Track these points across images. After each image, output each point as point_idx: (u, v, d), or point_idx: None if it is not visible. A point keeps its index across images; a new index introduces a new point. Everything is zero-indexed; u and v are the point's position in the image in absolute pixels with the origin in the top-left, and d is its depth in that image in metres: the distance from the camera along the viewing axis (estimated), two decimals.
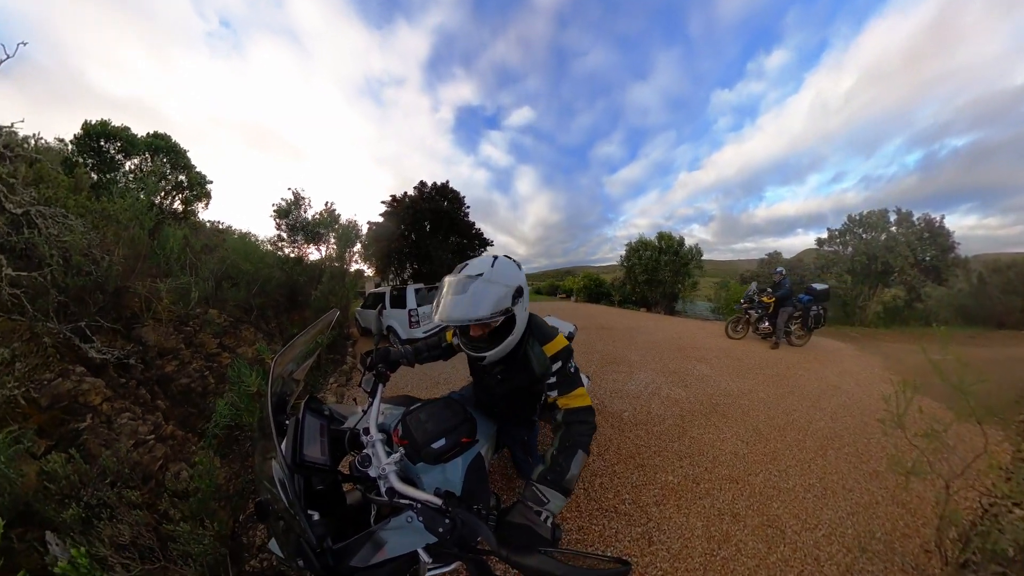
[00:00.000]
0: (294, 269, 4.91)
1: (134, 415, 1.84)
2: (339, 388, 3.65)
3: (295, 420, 0.76)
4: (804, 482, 1.90)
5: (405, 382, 3.96)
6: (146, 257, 2.82)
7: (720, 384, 3.54)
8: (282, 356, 0.86)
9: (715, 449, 2.25)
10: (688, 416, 2.74)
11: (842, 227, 12.07)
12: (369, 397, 0.94)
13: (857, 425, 2.57)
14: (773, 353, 4.86)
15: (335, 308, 1.25)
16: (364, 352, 1.08)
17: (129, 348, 2.20)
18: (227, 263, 3.74)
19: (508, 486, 1.84)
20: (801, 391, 3.34)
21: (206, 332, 2.84)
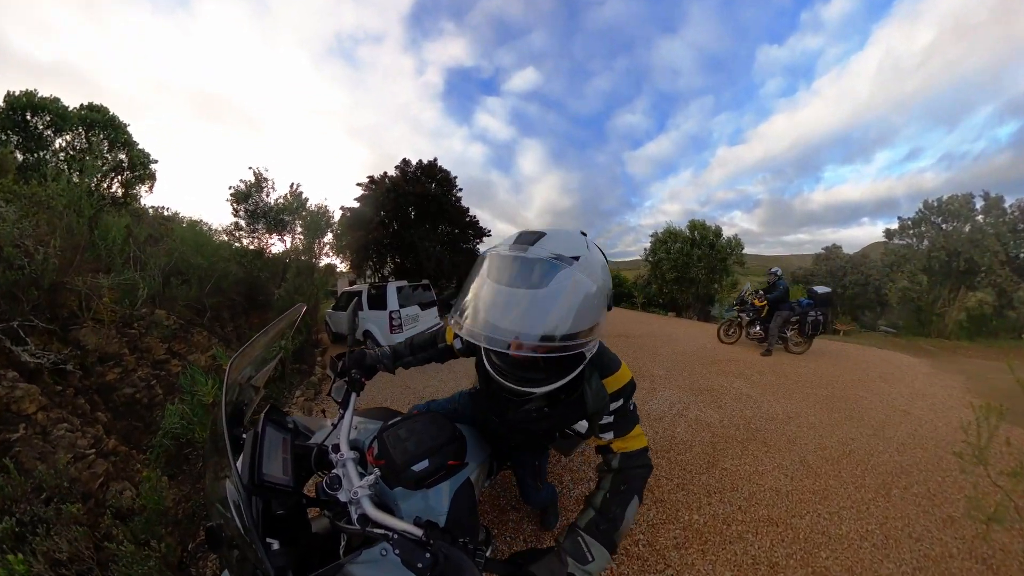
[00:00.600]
0: (254, 263, 4.98)
1: (72, 426, 1.90)
2: (307, 403, 3.70)
3: (253, 434, 0.77)
4: (861, 528, 1.87)
5: (385, 395, 4.02)
6: (85, 249, 2.89)
7: (761, 405, 3.53)
8: (239, 359, 0.88)
9: (752, 484, 2.24)
10: (720, 443, 2.74)
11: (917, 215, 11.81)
12: (340, 409, 0.95)
13: (929, 459, 2.55)
14: (827, 369, 4.85)
15: (301, 303, 1.28)
16: (334, 355, 1.08)
17: (66, 352, 2.27)
18: (176, 256, 3.81)
19: (500, 518, 1.87)
20: (861, 416, 3.32)
21: (153, 335, 2.90)
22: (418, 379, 4.65)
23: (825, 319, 5.30)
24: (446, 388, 4.23)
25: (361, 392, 1.02)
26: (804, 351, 5.47)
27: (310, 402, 3.77)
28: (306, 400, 3.75)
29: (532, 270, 0.60)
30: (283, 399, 3.69)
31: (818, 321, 5.26)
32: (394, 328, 5.55)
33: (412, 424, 0.90)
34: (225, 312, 4.39)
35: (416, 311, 6.24)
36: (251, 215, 5.41)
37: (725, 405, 3.52)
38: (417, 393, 4.15)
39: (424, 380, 4.58)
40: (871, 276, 15.43)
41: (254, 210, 5.41)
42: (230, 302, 4.55)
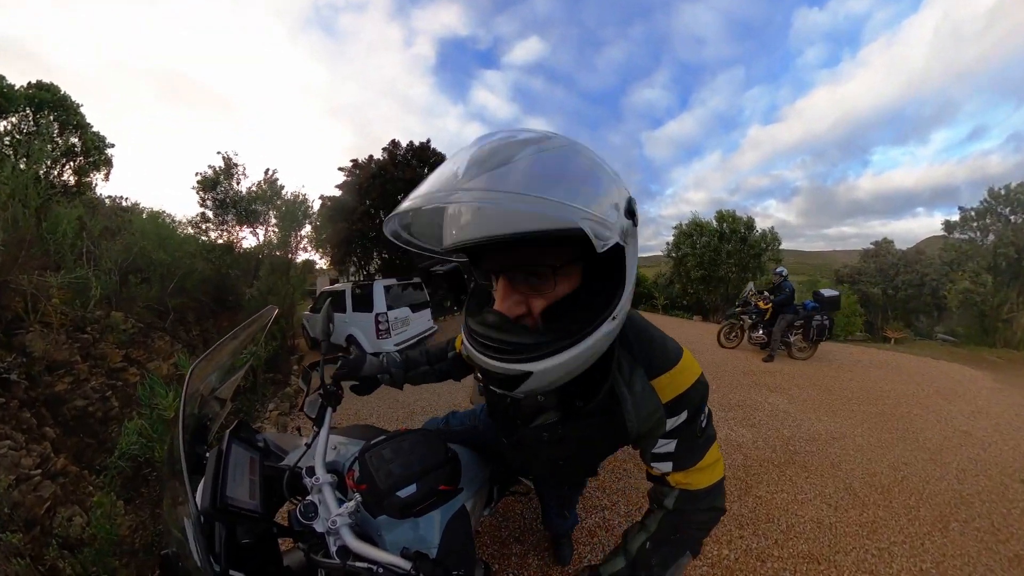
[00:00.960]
0: (222, 259, 5.03)
1: (16, 444, 1.92)
2: (281, 418, 3.72)
3: (217, 452, 0.77)
4: (915, 566, 1.87)
5: (369, 410, 4.03)
6: (31, 244, 2.92)
7: (801, 423, 3.52)
8: (202, 366, 0.88)
9: (790, 515, 2.24)
10: (754, 467, 2.73)
11: (981, 206, 11.67)
12: (314, 426, 0.95)
13: (994, 488, 2.52)
14: (876, 383, 4.84)
15: (273, 305, 1.28)
16: (307, 365, 1.06)
17: (10, 360, 2.29)
18: (135, 252, 3.85)
19: (502, 551, 1.86)
20: (916, 437, 3.30)
21: (108, 341, 2.93)
22: (407, 389, 4.65)
23: (831, 324, 5.51)
24: (441, 402, 4.22)
25: (338, 407, 1.01)
26: (808, 357, 5.69)
27: (284, 416, 3.79)
28: (280, 415, 3.77)
29: (502, 146, 0.48)
30: (253, 413, 3.71)
31: (823, 326, 5.45)
32: (381, 333, 5.56)
33: (398, 444, 0.89)
34: (190, 314, 4.42)
35: (406, 313, 6.26)
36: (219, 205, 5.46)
37: (759, 423, 3.51)
38: (407, 407, 4.15)
39: (416, 392, 4.58)
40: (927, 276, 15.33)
41: (223, 199, 5.46)
42: (196, 303, 4.58)
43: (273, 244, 5.80)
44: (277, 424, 3.54)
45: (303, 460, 0.90)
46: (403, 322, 6.10)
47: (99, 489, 1.98)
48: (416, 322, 6.54)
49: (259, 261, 5.60)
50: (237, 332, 1.05)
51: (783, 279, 5.85)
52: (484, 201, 0.45)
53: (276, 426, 3.51)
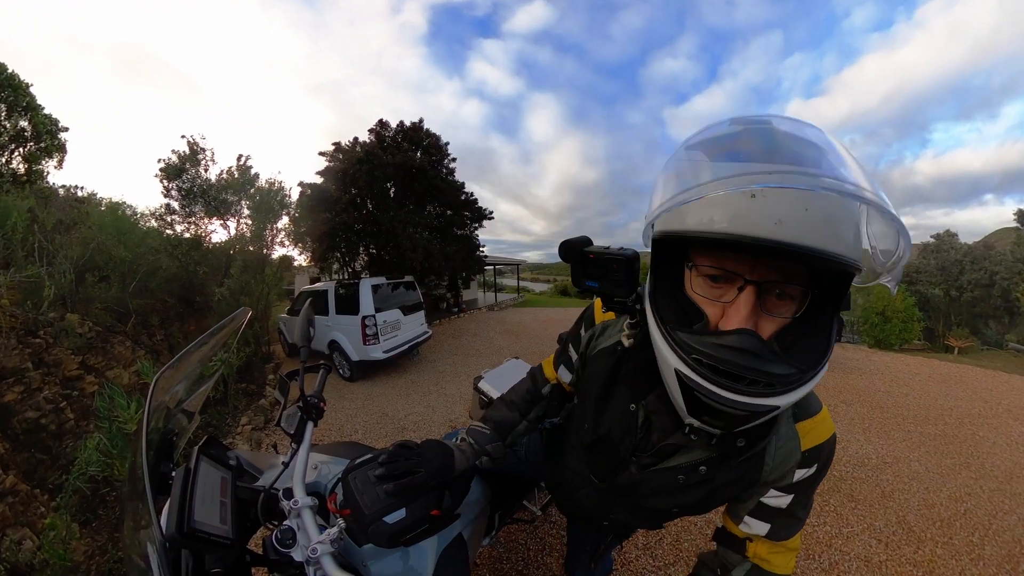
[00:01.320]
0: (189, 255, 5.10)
1: None
2: (255, 433, 3.76)
3: (184, 470, 0.78)
4: None
5: (354, 425, 4.06)
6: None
7: (848, 445, 3.50)
8: (168, 375, 0.89)
9: (833, 551, 2.23)
10: None
11: None
12: (292, 442, 0.95)
13: None
14: (935, 400, 4.80)
15: (246, 308, 1.29)
16: (287, 372, 1.07)
17: None
18: (92, 247, 3.91)
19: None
20: (981, 463, 3.26)
21: (63, 346, 2.97)
22: (397, 402, 4.70)
23: (841, 326, 5.71)
24: (436, 417, 4.24)
25: (319, 421, 1.02)
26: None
27: (259, 432, 3.82)
28: (254, 430, 3.81)
29: (833, 155, 0.45)
30: (224, 428, 3.74)
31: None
32: (368, 338, 5.61)
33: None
34: (154, 317, 4.48)
35: (397, 316, 6.30)
36: (186, 195, 5.54)
37: None
38: (397, 422, 4.17)
39: (407, 405, 4.62)
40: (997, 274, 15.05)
41: (189, 188, 5.53)
42: (160, 304, 4.65)
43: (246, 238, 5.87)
44: (251, 440, 3.58)
45: (280, 481, 0.90)
46: (393, 326, 6.13)
47: (52, 510, 2.01)
48: (408, 326, 6.58)
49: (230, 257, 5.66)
50: (206, 337, 1.06)
51: None
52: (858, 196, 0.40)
53: (249, 443, 3.54)
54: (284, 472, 0.92)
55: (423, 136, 10.46)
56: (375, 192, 9.44)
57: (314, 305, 1.24)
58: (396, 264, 9.54)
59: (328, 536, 0.76)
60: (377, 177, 8.96)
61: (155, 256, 4.67)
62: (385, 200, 9.62)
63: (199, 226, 5.67)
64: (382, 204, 9.52)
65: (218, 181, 5.69)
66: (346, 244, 9.65)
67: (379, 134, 10.18)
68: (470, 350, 7.89)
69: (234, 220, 5.85)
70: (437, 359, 7.12)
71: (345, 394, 5.21)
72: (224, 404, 4.06)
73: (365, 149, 9.26)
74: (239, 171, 5.86)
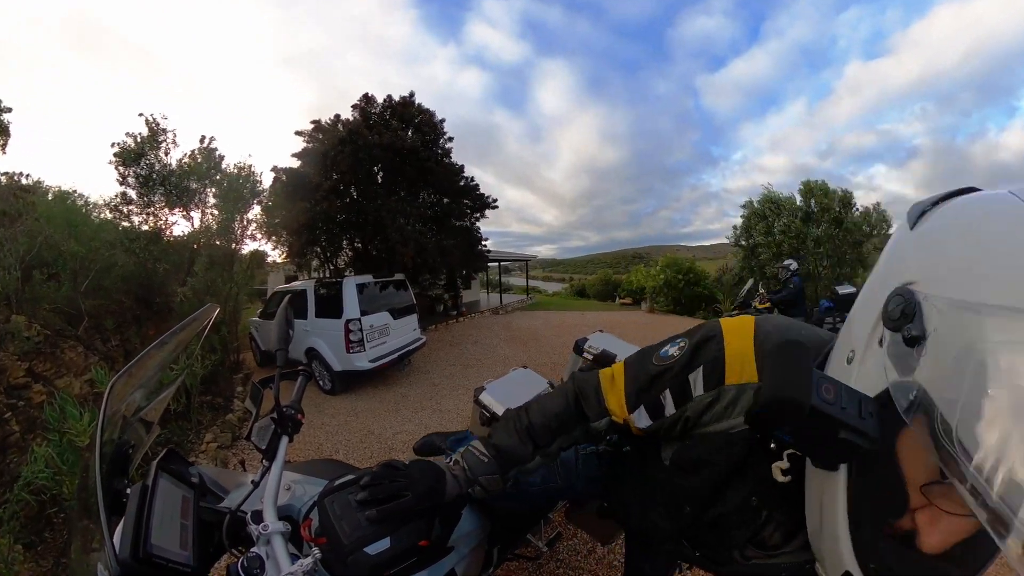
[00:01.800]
0: (148, 250, 5.19)
1: None
2: (221, 451, 3.83)
3: (141, 488, 0.80)
4: None
5: (334, 443, 4.11)
6: None
7: None
8: (124, 381, 0.92)
9: None
10: None
11: None
12: (264, 459, 0.97)
13: None
14: None
15: (213, 304, 1.32)
16: (260, 379, 1.10)
17: None
18: (40, 242, 4.01)
19: None
20: None
21: (8, 351, 3.07)
22: (385, 418, 4.76)
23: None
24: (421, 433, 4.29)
25: (296, 435, 1.05)
26: None
27: (225, 451, 3.90)
28: (220, 447, 3.89)
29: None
30: (186, 443, 3.83)
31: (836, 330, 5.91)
32: (353, 345, 5.68)
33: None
34: (108, 320, 4.58)
35: (386, 319, 6.37)
36: (144, 182, 5.62)
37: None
38: (384, 441, 4.23)
39: (396, 422, 4.67)
40: None
41: (148, 175, 5.61)
42: (116, 305, 4.76)
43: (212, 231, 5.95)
44: (216, 460, 3.66)
45: (248, 502, 0.93)
46: (381, 331, 6.20)
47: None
48: (398, 332, 6.65)
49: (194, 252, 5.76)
50: (168, 337, 1.09)
51: (791, 274, 6.52)
52: None
53: (214, 460, 3.62)
54: (253, 492, 0.95)
55: (415, 112, 10.47)
56: (360, 177, 9.49)
57: (293, 303, 1.25)
58: (385, 260, 9.61)
59: (301, 567, 0.77)
60: (362, 160, 9.01)
61: (110, 251, 4.76)
62: (372, 186, 9.69)
63: (159, 217, 5.75)
64: (368, 191, 9.58)
65: (180, 167, 5.76)
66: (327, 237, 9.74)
67: (364, 111, 10.21)
68: (470, 360, 7.95)
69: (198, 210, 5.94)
70: (431, 370, 7.19)
71: (325, 408, 5.29)
72: (186, 418, 4.14)
73: (348, 128, 9.30)
74: (203, 155, 5.93)
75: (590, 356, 2.33)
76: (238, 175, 6.06)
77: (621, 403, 0.87)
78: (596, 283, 28.50)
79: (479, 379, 6.18)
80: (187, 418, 4.14)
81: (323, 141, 9.45)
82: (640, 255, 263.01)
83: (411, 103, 10.51)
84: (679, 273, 15.97)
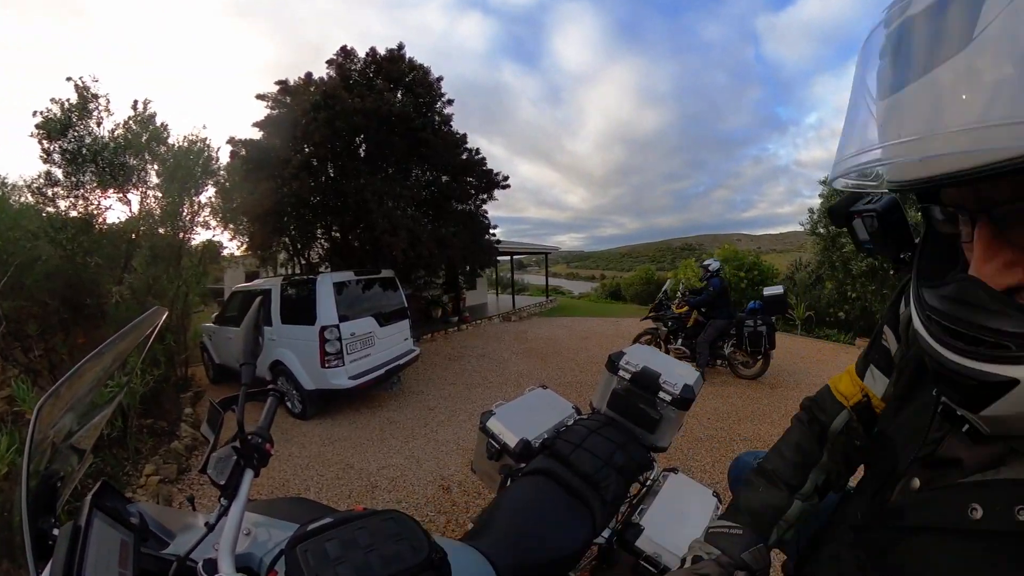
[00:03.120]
0: (77, 241, 5.27)
1: None
2: (164, 485, 3.88)
3: (72, 530, 0.81)
4: None
5: (306, 477, 4.14)
6: None
7: None
8: (53, 402, 0.94)
9: None
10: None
11: None
12: (221, 497, 0.99)
13: None
14: None
15: (161, 307, 1.33)
16: (221, 400, 1.12)
17: None
18: None
19: None
20: None
21: None
22: (368, 449, 4.78)
23: (770, 330, 6.93)
24: (422, 471, 4.29)
25: (260, 471, 1.06)
26: (755, 374, 7.21)
27: (169, 485, 3.95)
28: (163, 481, 3.94)
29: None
30: (122, 475, 3.88)
31: (757, 333, 6.91)
32: (329, 357, 5.72)
33: (350, 533, 0.93)
34: (31, 325, 4.66)
35: (370, 326, 6.42)
36: (72, 159, 5.69)
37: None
38: (367, 477, 4.25)
39: (380, 453, 4.70)
40: None
41: (77, 150, 5.69)
42: (39, 308, 4.83)
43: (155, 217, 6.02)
44: (158, 496, 3.71)
45: (200, 549, 0.94)
46: (365, 341, 6.24)
47: None
48: (385, 341, 6.69)
49: (132, 244, 5.83)
50: (104, 348, 1.11)
51: (711, 275, 7.41)
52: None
53: (156, 498, 3.67)
54: (207, 537, 0.96)
55: (405, 69, 10.48)
56: (338, 150, 9.58)
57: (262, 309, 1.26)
58: (369, 253, 9.68)
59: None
60: (341, 129, 9.05)
61: (32, 242, 4.84)
62: (353, 162, 9.75)
63: (90, 201, 5.81)
64: (348, 167, 9.65)
65: (115, 139, 5.83)
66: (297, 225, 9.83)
67: (342, 67, 10.25)
68: (474, 378, 7.98)
69: (138, 192, 6.01)
70: (426, 390, 7.23)
71: (294, 436, 5.36)
72: (122, 445, 4.20)
73: (323, 90, 9.33)
74: (140, 123, 5.99)
75: (627, 375, 2.29)
76: (187, 149, 6.12)
77: (848, 379, 1.01)
78: (634, 282, 28.35)
79: (486, 401, 6.15)
80: (123, 445, 4.20)
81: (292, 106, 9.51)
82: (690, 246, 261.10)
83: (400, 57, 10.53)
84: (740, 270, 15.76)
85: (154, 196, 6.04)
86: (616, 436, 2.12)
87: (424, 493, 3.93)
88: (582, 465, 1.87)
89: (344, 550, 0.90)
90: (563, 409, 2.51)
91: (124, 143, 5.79)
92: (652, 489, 2.04)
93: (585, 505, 1.73)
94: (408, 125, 9.68)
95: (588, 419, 2.31)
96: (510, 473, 2.06)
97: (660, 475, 2.17)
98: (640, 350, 2.50)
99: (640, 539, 1.67)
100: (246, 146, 9.31)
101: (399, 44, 10.63)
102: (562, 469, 1.86)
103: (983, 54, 0.46)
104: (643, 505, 1.89)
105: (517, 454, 2.11)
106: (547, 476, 1.84)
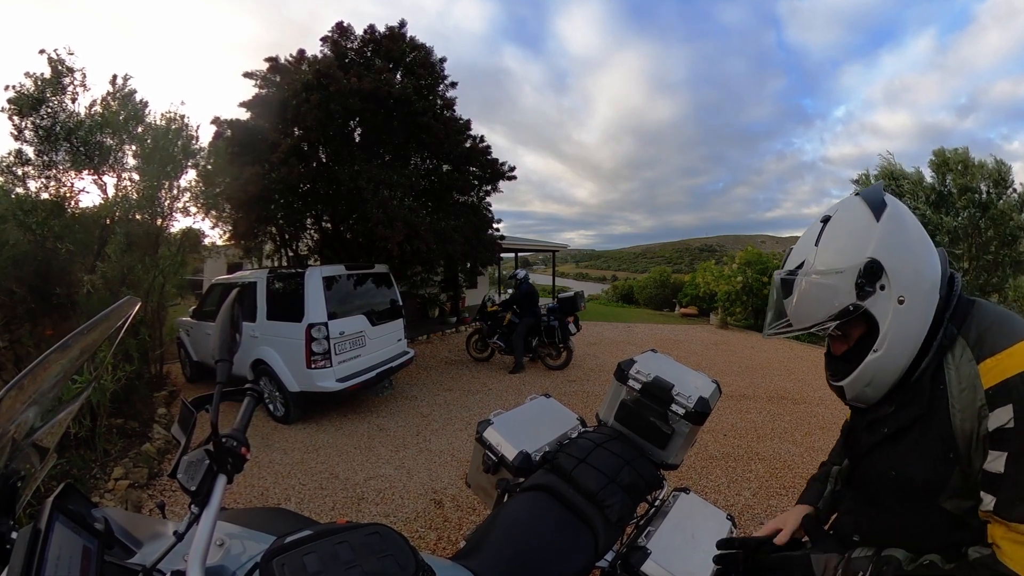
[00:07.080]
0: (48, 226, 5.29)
1: None
2: (133, 490, 3.90)
3: (32, 533, 0.81)
4: None
5: (287, 485, 4.16)
6: None
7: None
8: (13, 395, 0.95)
9: None
10: None
11: None
12: (192, 504, 1.00)
13: None
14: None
15: (133, 297, 1.34)
16: (194, 399, 1.13)
17: None
18: None
19: None
20: None
21: None
22: (355, 458, 4.80)
23: (563, 325, 9.28)
24: (412, 483, 4.30)
25: (235, 476, 1.07)
26: (559, 364, 9.45)
27: (139, 490, 3.97)
28: (132, 485, 3.96)
29: (783, 286, 1.35)
30: (88, 479, 3.90)
31: (552, 328, 9.32)
32: (316, 357, 5.74)
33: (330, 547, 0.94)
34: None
35: (361, 325, 6.46)
36: (45, 136, 5.73)
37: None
38: (353, 488, 4.26)
39: (368, 462, 4.71)
40: None
41: (50, 127, 5.72)
42: (5, 296, 4.87)
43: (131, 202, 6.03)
44: (127, 502, 3.72)
45: (168, 559, 0.95)
46: (355, 341, 6.26)
47: None
48: (377, 341, 6.72)
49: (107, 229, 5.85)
50: (72, 340, 1.11)
51: (519, 281, 9.82)
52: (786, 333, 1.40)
53: (125, 504, 3.68)
54: (176, 546, 0.97)
55: (405, 48, 10.42)
56: (331, 134, 9.55)
57: (240, 300, 1.27)
58: (362, 246, 9.70)
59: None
60: (335, 111, 9.02)
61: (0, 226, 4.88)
62: (347, 147, 9.74)
63: (62, 183, 5.85)
64: (342, 153, 9.64)
65: (90, 117, 5.86)
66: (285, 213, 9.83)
67: (337, 45, 10.20)
68: (472, 384, 8.02)
69: (114, 174, 6.04)
70: (420, 395, 7.26)
71: (274, 441, 5.38)
72: (90, 446, 4.22)
73: (316, 68, 9.29)
74: (117, 100, 6.01)
75: (637, 385, 2.29)
76: (167, 129, 6.13)
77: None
78: (648, 285, 28.40)
79: (484, 410, 6.18)
80: (91, 446, 4.22)
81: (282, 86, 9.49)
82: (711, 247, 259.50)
83: (401, 36, 10.49)
84: (763, 274, 15.72)
85: (131, 179, 6.08)
86: (623, 451, 2.12)
87: (414, 507, 3.94)
88: (585, 482, 1.87)
89: (324, 565, 0.91)
90: (567, 420, 2.51)
91: (101, 121, 5.81)
92: (661, 510, 2.04)
93: (587, 525, 1.74)
94: (408, 109, 9.62)
95: (594, 432, 2.31)
96: (507, 488, 2.06)
97: (670, 495, 2.17)
98: (652, 358, 2.49)
99: (646, 564, 1.66)
100: (232, 127, 9.30)
101: (400, 21, 10.59)
102: (563, 485, 1.86)
103: (796, 298, 1.29)
104: (651, 527, 1.89)
105: (516, 468, 2.12)
106: (547, 492, 1.84)
